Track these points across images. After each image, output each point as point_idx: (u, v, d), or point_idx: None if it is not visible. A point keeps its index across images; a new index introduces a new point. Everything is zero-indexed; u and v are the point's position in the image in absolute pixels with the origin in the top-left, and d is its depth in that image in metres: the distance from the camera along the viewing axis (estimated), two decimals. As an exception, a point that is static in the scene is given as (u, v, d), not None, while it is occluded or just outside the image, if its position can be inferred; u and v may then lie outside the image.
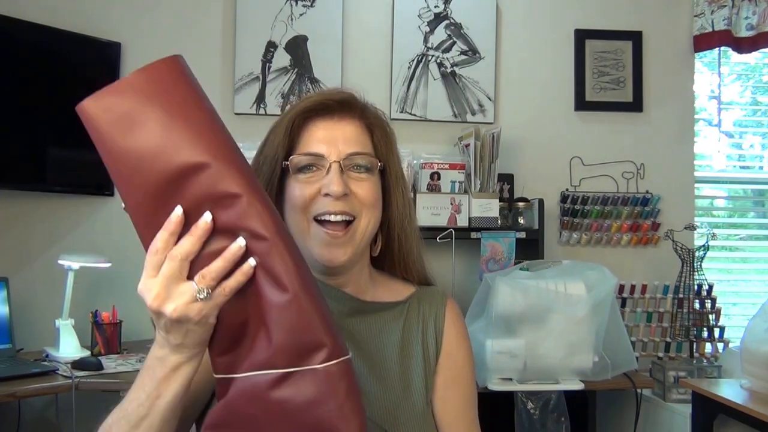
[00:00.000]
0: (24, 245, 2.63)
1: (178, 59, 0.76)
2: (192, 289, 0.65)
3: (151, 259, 0.66)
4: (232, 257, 0.65)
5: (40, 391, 2.03)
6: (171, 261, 0.65)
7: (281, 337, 0.66)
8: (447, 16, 2.87)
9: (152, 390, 0.70)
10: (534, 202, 2.71)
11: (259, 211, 0.66)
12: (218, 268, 0.65)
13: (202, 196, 0.65)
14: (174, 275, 0.65)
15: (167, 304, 0.65)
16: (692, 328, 2.60)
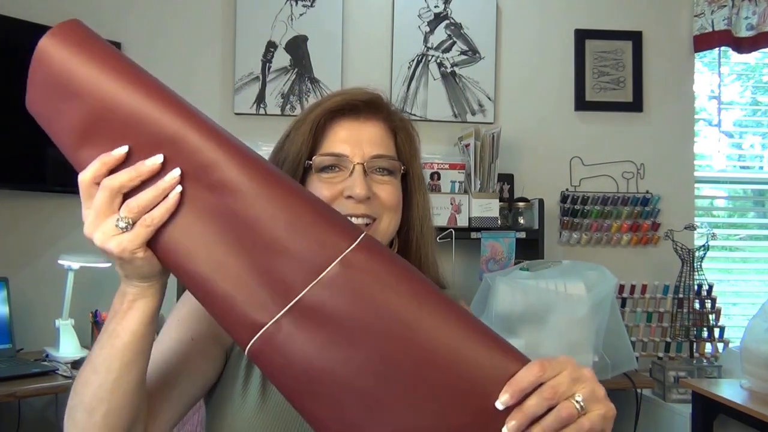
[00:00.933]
0: (24, 245, 2.63)
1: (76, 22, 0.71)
2: (113, 220, 0.62)
3: (81, 189, 0.64)
4: (165, 187, 0.62)
5: (40, 391, 2.03)
6: (102, 191, 0.62)
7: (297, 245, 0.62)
8: (447, 16, 2.87)
9: (112, 330, 0.67)
10: (534, 202, 2.71)
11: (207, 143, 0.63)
12: (145, 199, 0.61)
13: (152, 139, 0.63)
14: (103, 206, 0.62)
15: (94, 234, 0.63)
16: (692, 328, 2.60)
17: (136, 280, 0.66)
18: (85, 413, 0.67)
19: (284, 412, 0.85)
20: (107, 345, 0.67)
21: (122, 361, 0.66)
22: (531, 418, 0.58)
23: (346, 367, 0.61)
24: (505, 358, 0.61)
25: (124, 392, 0.67)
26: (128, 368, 0.67)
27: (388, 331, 0.61)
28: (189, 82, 2.77)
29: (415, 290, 0.63)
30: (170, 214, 0.62)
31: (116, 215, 0.62)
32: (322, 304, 0.62)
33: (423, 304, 0.62)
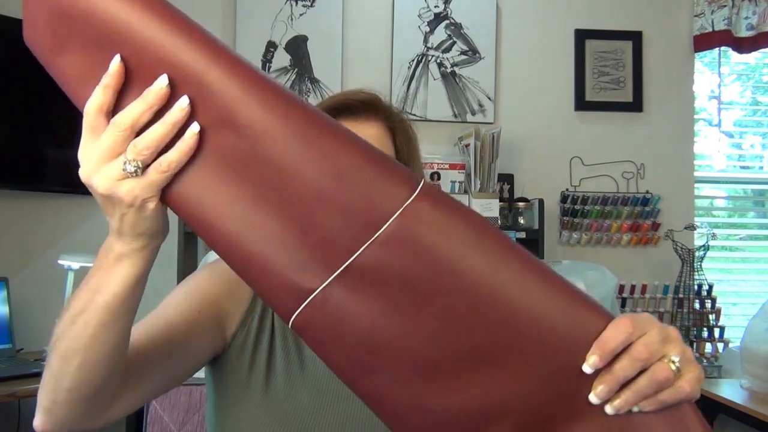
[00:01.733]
0: (24, 245, 2.63)
1: None
2: (121, 162, 0.53)
3: (87, 122, 0.55)
4: (174, 120, 0.52)
5: (40, 391, 2.03)
6: (112, 129, 0.53)
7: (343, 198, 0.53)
8: (447, 16, 2.87)
9: (93, 283, 0.61)
10: (534, 202, 2.71)
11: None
12: (155, 136, 0.52)
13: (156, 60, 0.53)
14: (112, 146, 0.53)
15: (95, 177, 0.55)
16: (692, 328, 2.61)
17: (129, 237, 0.58)
18: (59, 360, 0.63)
19: (287, 405, 0.85)
20: (87, 299, 0.61)
21: (100, 320, 0.61)
22: (622, 381, 0.52)
23: (410, 334, 0.54)
24: (590, 315, 0.54)
25: (101, 349, 0.62)
26: (106, 327, 0.61)
27: (459, 291, 0.54)
28: (189, 82, 2.76)
29: (488, 243, 0.55)
30: (189, 158, 0.54)
31: (122, 157, 0.53)
32: (381, 265, 0.54)
33: (498, 258, 0.55)
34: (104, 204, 0.57)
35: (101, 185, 0.55)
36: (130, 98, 0.54)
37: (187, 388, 1.49)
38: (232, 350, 0.86)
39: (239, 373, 0.86)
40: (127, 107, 0.53)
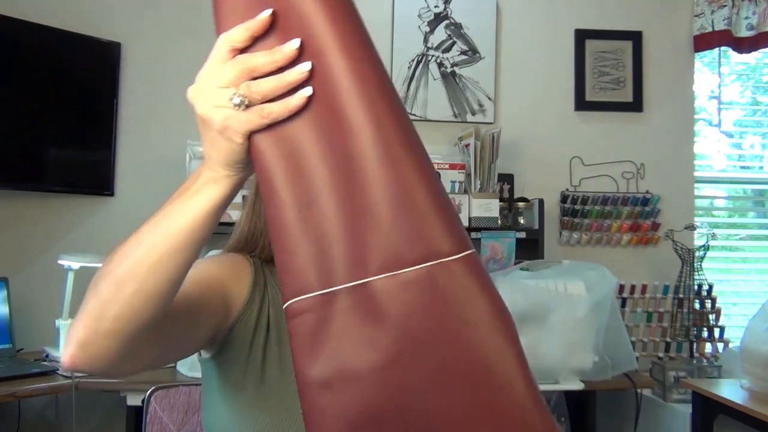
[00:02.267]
0: (24, 245, 2.63)
1: None
2: (230, 93, 0.56)
3: (218, 50, 0.59)
4: (291, 79, 0.56)
5: (40, 391, 2.03)
6: (237, 64, 0.57)
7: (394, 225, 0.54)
8: (447, 16, 2.87)
9: (171, 210, 0.62)
10: (534, 202, 2.71)
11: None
12: (270, 85, 0.56)
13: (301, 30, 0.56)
14: (229, 78, 0.57)
15: (200, 97, 0.58)
16: (692, 328, 2.60)
17: (216, 163, 0.60)
18: (113, 285, 0.61)
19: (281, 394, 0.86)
20: (161, 223, 0.62)
21: (170, 244, 0.61)
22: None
23: (388, 378, 0.55)
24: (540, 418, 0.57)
25: (160, 279, 0.62)
26: (173, 254, 0.61)
27: (456, 359, 0.55)
28: (189, 83, 2.76)
29: (501, 331, 0.56)
30: (287, 117, 0.56)
31: (233, 89, 0.56)
32: (388, 301, 0.55)
33: (503, 346, 0.56)
34: (200, 125, 0.59)
35: (203, 106, 0.57)
36: (262, 44, 0.57)
37: (187, 388, 1.49)
38: (231, 340, 0.87)
39: (237, 363, 0.87)
40: (258, 53, 0.56)
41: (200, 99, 0.58)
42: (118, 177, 2.70)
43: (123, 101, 2.72)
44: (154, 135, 2.74)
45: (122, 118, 2.72)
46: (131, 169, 2.72)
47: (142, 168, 2.72)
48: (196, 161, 2.52)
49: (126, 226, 2.65)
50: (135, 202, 2.69)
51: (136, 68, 2.74)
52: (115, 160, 2.70)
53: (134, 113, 2.74)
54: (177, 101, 2.76)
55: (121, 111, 2.72)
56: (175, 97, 2.75)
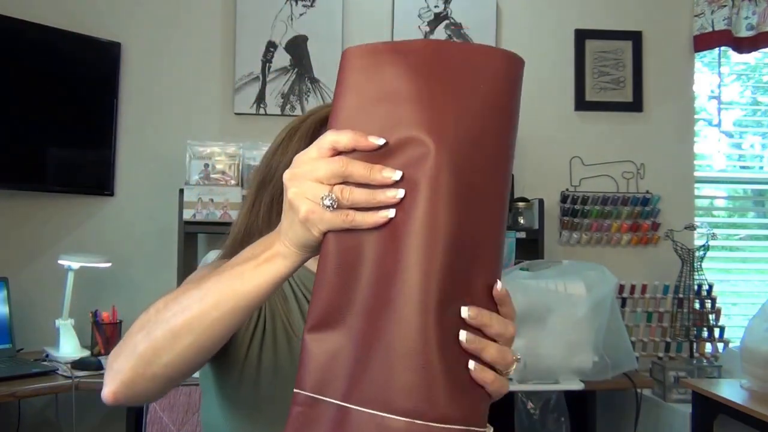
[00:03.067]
0: (24, 245, 2.63)
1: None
2: (323, 191, 0.58)
3: (322, 144, 0.59)
4: (381, 199, 0.58)
5: (40, 391, 2.03)
6: (332, 164, 0.58)
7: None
8: (447, 16, 2.87)
9: (238, 273, 0.64)
10: (534, 202, 2.71)
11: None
12: (361, 198, 0.58)
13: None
14: (326, 175, 0.58)
15: (293, 185, 0.59)
16: (692, 328, 2.60)
17: (289, 241, 0.62)
18: (168, 333, 0.65)
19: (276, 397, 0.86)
20: (227, 283, 0.64)
21: (234, 305, 0.64)
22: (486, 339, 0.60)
23: None
24: None
25: (218, 334, 0.65)
26: (234, 314, 0.64)
27: None
28: (189, 82, 2.77)
29: None
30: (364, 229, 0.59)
31: (327, 189, 0.58)
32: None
33: None
34: (286, 206, 0.62)
35: (295, 194, 0.59)
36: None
37: (187, 388, 1.49)
38: (229, 343, 0.87)
39: (234, 366, 0.87)
40: (358, 163, 0.58)
41: (294, 186, 0.59)
42: (118, 177, 2.70)
43: (123, 101, 2.72)
44: (154, 135, 2.74)
45: (122, 118, 2.72)
46: (131, 169, 2.72)
47: (142, 168, 2.72)
48: (195, 161, 2.52)
49: (126, 226, 2.66)
50: (135, 202, 2.69)
51: (136, 68, 2.74)
52: (115, 160, 2.70)
53: (134, 113, 2.74)
54: (177, 101, 2.77)
55: (121, 111, 2.72)
56: (175, 97, 2.77)
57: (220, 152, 2.54)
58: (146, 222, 2.65)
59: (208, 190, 2.45)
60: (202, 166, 2.51)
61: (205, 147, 2.54)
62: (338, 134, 0.59)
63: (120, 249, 2.60)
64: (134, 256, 2.62)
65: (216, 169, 2.52)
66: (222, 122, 2.77)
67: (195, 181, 2.48)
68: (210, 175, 2.50)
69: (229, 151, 2.54)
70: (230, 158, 2.54)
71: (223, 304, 0.64)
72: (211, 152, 2.54)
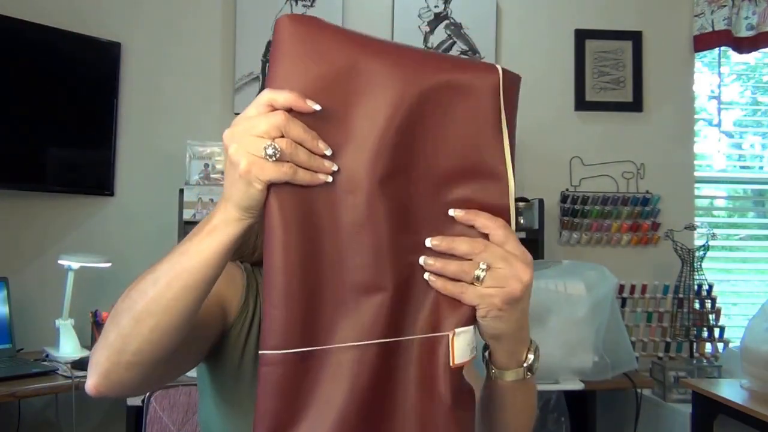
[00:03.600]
0: (24, 245, 2.63)
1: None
2: (264, 143, 0.58)
3: (259, 102, 0.60)
4: (317, 165, 0.60)
5: (40, 391, 2.03)
6: (271, 119, 0.59)
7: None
8: (447, 16, 2.87)
9: (185, 249, 0.64)
10: (534, 202, 2.71)
11: None
12: (303, 158, 0.60)
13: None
14: (261, 129, 0.59)
15: (233, 141, 0.60)
16: (692, 328, 2.61)
17: (231, 205, 0.62)
18: (132, 320, 0.65)
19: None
20: (175, 262, 0.64)
21: (185, 282, 0.64)
22: (448, 250, 0.66)
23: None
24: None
25: (177, 314, 0.65)
26: (187, 291, 0.64)
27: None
28: (189, 82, 2.77)
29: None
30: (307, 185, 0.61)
31: (270, 141, 0.59)
32: (357, 367, 0.61)
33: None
34: (227, 166, 0.61)
35: (235, 149, 0.59)
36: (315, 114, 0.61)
37: (187, 388, 1.49)
38: (224, 345, 0.87)
39: (230, 367, 0.87)
40: (298, 125, 0.59)
41: (234, 142, 0.60)
42: (118, 177, 2.70)
43: (123, 101, 2.72)
44: (154, 135, 2.74)
45: (122, 118, 2.72)
46: (131, 169, 2.72)
47: (142, 168, 2.72)
48: (195, 161, 2.52)
49: (126, 226, 2.65)
50: (135, 202, 2.69)
51: (136, 68, 2.74)
52: (115, 160, 2.70)
53: (134, 113, 2.74)
54: (177, 101, 2.77)
55: (121, 111, 2.72)
56: (175, 97, 2.77)
57: (220, 152, 2.54)
58: (146, 222, 2.65)
59: (208, 190, 2.45)
60: (202, 166, 2.51)
61: (205, 147, 2.54)
62: (276, 92, 0.59)
63: (120, 249, 2.60)
64: (134, 256, 2.62)
65: (216, 169, 2.52)
66: (222, 122, 2.77)
67: (195, 181, 2.48)
68: (210, 175, 2.50)
69: (229, 151, 2.54)
70: (230, 158, 2.54)
71: (174, 283, 0.64)
72: (211, 152, 2.54)
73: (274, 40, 0.62)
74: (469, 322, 0.67)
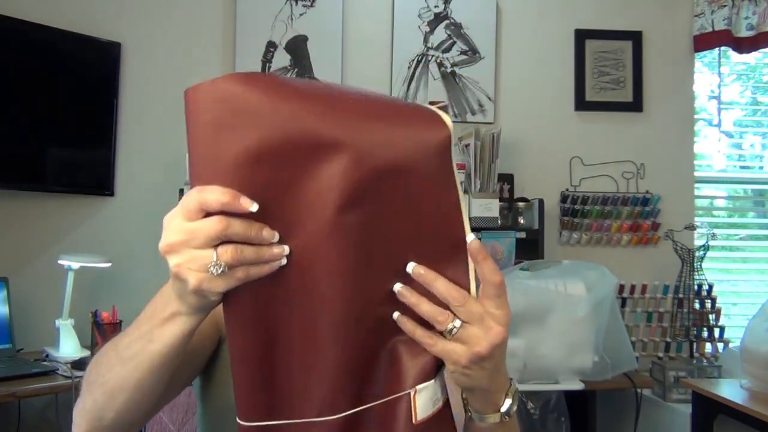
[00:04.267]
0: (24, 245, 2.63)
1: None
2: (208, 259, 0.55)
3: (188, 206, 0.55)
4: (269, 254, 0.57)
5: (40, 391, 2.03)
6: (209, 227, 0.55)
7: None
8: (447, 16, 2.87)
9: (146, 332, 0.64)
10: (534, 202, 2.71)
11: None
12: (250, 254, 0.56)
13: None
14: (200, 240, 0.55)
15: (173, 256, 0.57)
16: (692, 328, 2.61)
17: (187, 305, 0.61)
18: (104, 395, 0.67)
19: None
20: (139, 344, 0.64)
21: (151, 365, 0.64)
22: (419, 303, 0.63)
23: None
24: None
25: (148, 390, 0.67)
26: (154, 372, 0.65)
27: None
28: (189, 83, 2.76)
29: None
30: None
31: (212, 254, 0.55)
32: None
33: None
34: (172, 279, 0.59)
35: (179, 266, 0.57)
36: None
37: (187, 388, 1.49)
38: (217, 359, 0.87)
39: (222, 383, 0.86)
40: (236, 222, 0.55)
41: (174, 257, 0.57)
42: (118, 177, 2.70)
43: (123, 101, 2.72)
44: (154, 135, 2.74)
45: (122, 118, 2.72)
46: (131, 169, 2.72)
47: (142, 168, 2.72)
48: (196, 161, 2.52)
49: (126, 226, 2.65)
50: (135, 202, 2.69)
51: (136, 68, 2.74)
52: (115, 160, 2.70)
53: (134, 113, 2.74)
54: (177, 101, 2.76)
55: (121, 111, 2.72)
56: (175, 97, 2.76)
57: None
58: (146, 222, 2.65)
59: (208, 190, 2.44)
60: (202, 166, 2.51)
61: (205, 147, 2.54)
62: (206, 193, 0.54)
63: (120, 249, 2.60)
64: (134, 256, 2.62)
65: (216, 169, 2.51)
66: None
67: (195, 181, 2.48)
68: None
69: (229, 151, 2.54)
70: (230, 158, 2.54)
71: (140, 365, 0.64)
72: (211, 152, 2.54)
73: (187, 112, 0.56)
74: (431, 375, 0.65)
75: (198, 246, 0.55)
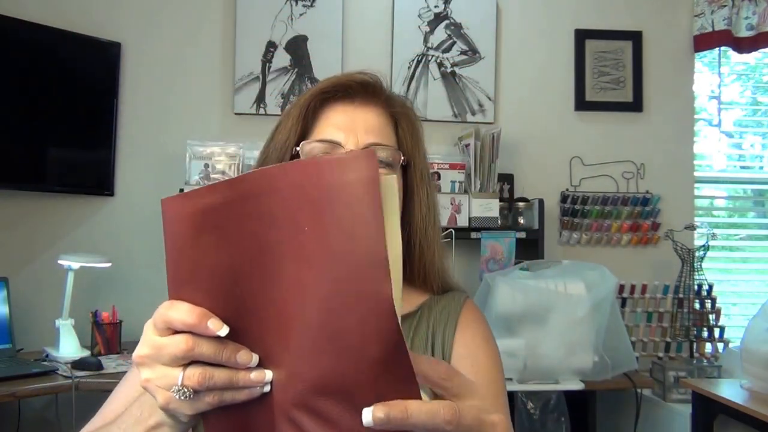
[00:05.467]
0: (24, 245, 2.63)
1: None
2: (174, 380, 0.52)
3: (161, 317, 0.53)
4: (245, 382, 0.52)
5: (40, 391, 2.03)
6: (176, 345, 0.52)
7: None
8: (447, 16, 2.87)
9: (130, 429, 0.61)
10: (534, 202, 2.71)
11: None
12: (221, 379, 0.52)
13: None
14: (168, 356, 0.52)
15: (143, 369, 0.54)
16: (692, 328, 2.60)
17: (167, 417, 0.57)
18: None
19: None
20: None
21: None
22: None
23: None
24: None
25: None
26: None
27: None
28: (189, 82, 2.77)
29: None
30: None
31: (179, 375, 0.52)
32: None
33: None
34: (145, 384, 0.56)
35: (147, 384, 0.54)
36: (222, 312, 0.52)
37: (187, 388, 1.49)
38: None
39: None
40: (204, 344, 0.51)
41: (144, 370, 0.54)
42: (118, 177, 2.70)
43: (123, 101, 2.72)
44: (154, 135, 2.74)
45: (122, 118, 2.72)
46: (131, 169, 2.72)
47: (142, 168, 2.72)
48: (196, 161, 2.52)
49: (126, 226, 2.65)
50: (135, 202, 2.69)
51: (136, 68, 2.74)
52: (115, 160, 2.70)
53: (134, 113, 2.74)
54: (177, 101, 2.77)
55: (121, 111, 2.72)
56: (175, 97, 2.77)
57: (220, 152, 2.54)
58: (146, 222, 2.65)
59: (208, 190, 2.44)
60: (202, 166, 2.51)
61: (205, 147, 2.54)
62: (172, 310, 0.52)
63: (120, 249, 2.60)
64: (134, 256, 2.62)
65: (216, 169, 2.52)
66: (222, 122, 2.77)
67: (195, 181, 2.48)
68: (210, 175, 2.50)
69: (229, 151, 2.55)
70: (230, 158, 2.54)
71: None
72: (211, 152, 2.54)
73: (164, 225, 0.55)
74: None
75: (165, 363, 0.53)
